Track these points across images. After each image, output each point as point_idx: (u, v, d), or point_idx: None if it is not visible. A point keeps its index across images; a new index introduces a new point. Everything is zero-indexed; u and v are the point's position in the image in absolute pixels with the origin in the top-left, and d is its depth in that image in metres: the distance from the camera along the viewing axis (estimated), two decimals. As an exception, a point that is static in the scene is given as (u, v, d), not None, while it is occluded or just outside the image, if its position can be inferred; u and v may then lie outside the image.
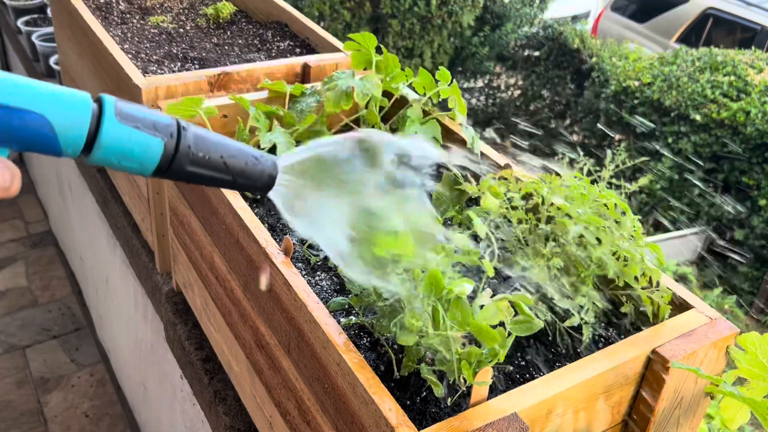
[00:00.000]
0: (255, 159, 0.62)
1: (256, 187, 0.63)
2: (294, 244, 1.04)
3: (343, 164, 0.63)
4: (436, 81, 1.16)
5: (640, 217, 0.94)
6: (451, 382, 0.79)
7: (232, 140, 0.62)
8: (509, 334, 0.72)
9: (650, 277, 0.90)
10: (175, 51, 1.59)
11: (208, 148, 0.59)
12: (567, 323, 0.88)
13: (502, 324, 0.73)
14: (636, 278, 0.89)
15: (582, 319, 0.89)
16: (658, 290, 0.89)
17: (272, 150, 1.12)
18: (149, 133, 0.56)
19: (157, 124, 0.57)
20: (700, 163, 5.34)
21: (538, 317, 0.76)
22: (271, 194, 0.64)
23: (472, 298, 0.76)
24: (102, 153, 0.55)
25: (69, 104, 0.53)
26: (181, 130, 0.58)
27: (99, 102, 0.55)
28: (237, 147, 0.61)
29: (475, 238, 1.00)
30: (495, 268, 1.03)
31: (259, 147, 1.08)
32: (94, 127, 0.54)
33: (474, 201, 1.13)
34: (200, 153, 0.59)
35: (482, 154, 1.17)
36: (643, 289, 0.90)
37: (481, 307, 0.74)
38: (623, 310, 0.93)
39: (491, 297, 0.76)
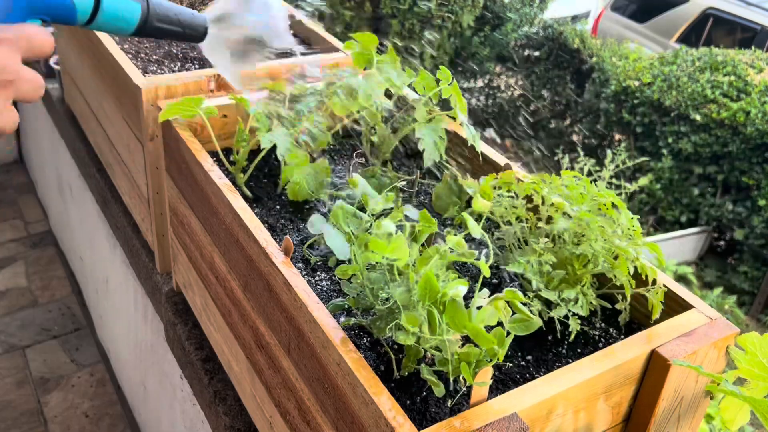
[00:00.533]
0: (193, 14, 0.87)
1: (197, 36, 0.88)
2: (294, 244, 1.04)
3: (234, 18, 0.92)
4: (437, 81, 1.16)
5: (639, 217, 0.94)
6: (451, 381, 0.79)
7: (176, 4, 0.86)
8: (508, 333, 0.72)
9: (646, 276, 0.90)
10: (175, 51, 1.59)
11: (166, 8, 0.84)
12: (554, 312, 0.88)
13: (499, 323, 0.73)
14: (632, 276, 0.89)
15: (569, 311, 0.89)
16: (653, 288, 0.89)
17: (271, 151, 1.12)
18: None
19: None
20: (700, 162, 5.34)
21: (533, 314, 0.76)
22: (203, 43, 0.90)
23: (469, 298, 0.76)
24: (103, 15, 0.77)
25: None
26: None
27: None
28: (179, 6, 0.85)
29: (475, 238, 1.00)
30: (493, 269, 1.03)
31: (258, 147, 1.08)
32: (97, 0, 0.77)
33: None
34: (162, 12, 0.83)
35: (482, 154, 1.17)
36: (638, 287, 0.90)
37: (478, 308, 0.73)
38: (618, 307, 0.93)
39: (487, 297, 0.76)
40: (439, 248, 0.76)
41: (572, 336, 0.90)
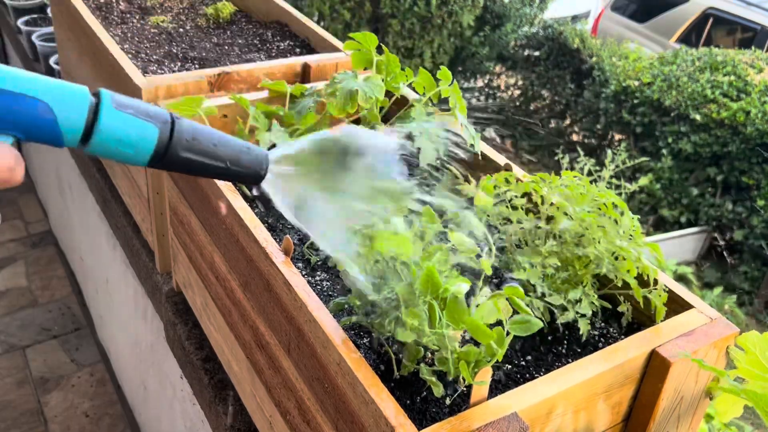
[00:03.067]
0: (247, 148, 0.64)
1: (249, 176, 0.65)
2: (294, 244, 1.04)
3: (328, 157, 0.67)
4: (437, 81, 1.16)
5: (639, 217, 0.94)
6: (450, 380, 0.79)
7: (221, 132, 0.64)
8: (508, 333, 0.72)
9: (647, 276, 0.90)
10: (175, 51, 1.59)
11: (201, 135, 0.61)
12: (562, 318, 0.88)
13: (500, 323, 0.73)
14: (634, 277, 0.89)
15: (577, 313, 0.89)
16: (656, 289, 0.89)
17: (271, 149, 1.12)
18: (144, 119, 0.59)
19: (151, 111, 0.60)
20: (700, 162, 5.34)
21: (536, 316, 0.76)
22: (263, 185, 0.66)
23: (470, 296, 0.76)
24: (101, 138, 0.58)
25: (70, 93, 0.57)
26: (175, 119, 0.61)
27: (96, 93, 0.59)
28: (228, 136, 0.63)
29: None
30: (493, 269, 1.03)
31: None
32: (92, 114, 0.57)
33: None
34: (193, 139, 0.61)
35: (482, 154, 1.17)
36: (640, 288, 0.90)
37: (478, 305, 0.74)
38: (620, 309, 0.93)
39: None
40: (442, 245, 0.76)
41: (584, 337, 0.89)
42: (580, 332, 0.88)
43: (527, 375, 0.86)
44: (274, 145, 0.75)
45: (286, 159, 0.66)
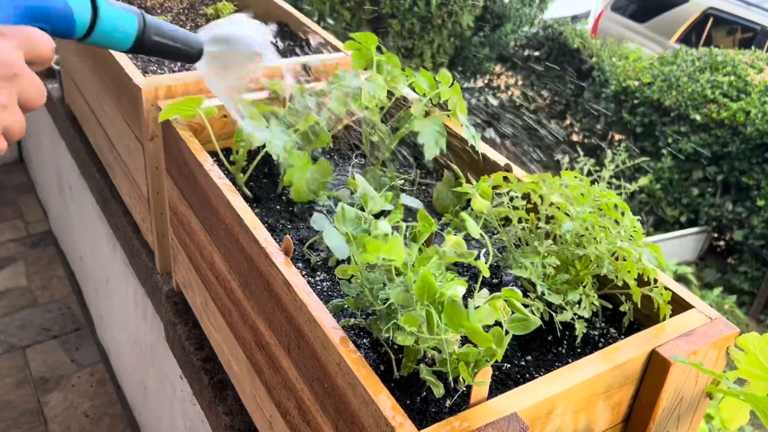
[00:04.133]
0: (187, 32, 0.85)
1: (194, 54, 0.86)
2: (294, 244, 1.04)
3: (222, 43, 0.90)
4: (437, 81, 1.16)
5: (639, 218, 0.94)
6: (450, 380, 0.79)
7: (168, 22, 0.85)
8: (506, 333, 0.72)
9: (648, 277, 0.90)
10: (175, 51, 1.59)
11: (160, 24, 0.81)
12: (559, 317, 0.88)
13: (498, 323, 0.73)
14: (635, 278, 0.89)
15: (575, 314, 0.89)
16: (656, 288, 0.89)
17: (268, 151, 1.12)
18: (127, 11, 0.78)
19: (129, 7, 0.79)
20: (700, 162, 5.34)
21: (534, 314, 0.76)
22: (198, 63, 0.88)
23: (468, 298, 0.76)
24: (101, 27, 0.76)
25: None
26: (143, 12, 0.80)
27: None
28: (174, 25, 0.84)
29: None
30: (492, 268, 1.03)
31: (259, 147, 1.08)
32: (93, 9, 0.75)
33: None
34: (158, 26, 0.81)
35: (482, 154, 1.17)
36: (640, 287, 0.90)
37: (476, 308, 0.74)
38: (622, 309, 0.93)
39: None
40: (438, 249, 0.76)
41: (578, 339, 0.90)
42: (576, 333, 0.88)
43: (527, 375, 0.86)
44: None
45: (211, 42, 0.88)
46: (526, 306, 0.87)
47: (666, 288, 0.91)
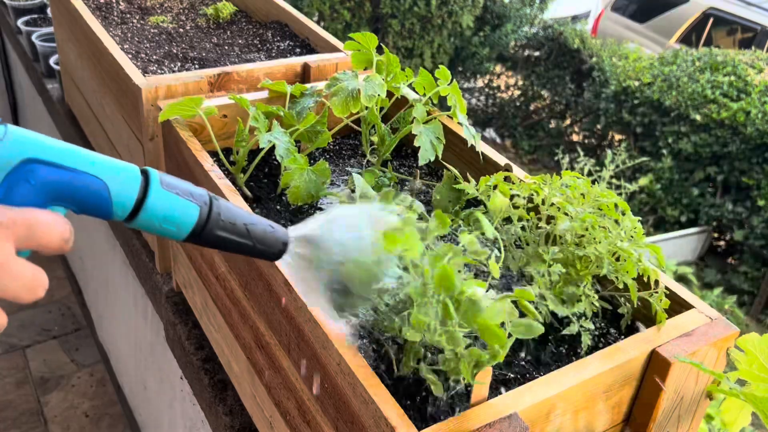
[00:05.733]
0: (271, 227, 0.69)
1: (272, 254, 0.70)
2: (294, 244, 1.04)
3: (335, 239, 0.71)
4: (436, 80, 1.16)
5: (640, 218, 0.94)
6: (451, 381, 0.79)
7: (248, 211, 0.71)
8: (509, 335, 0.72)
9: (648, 277, 0.90)
10: (175, 51, 1.59)
11: (234, 215, 0.67)
12: (566, 331, 0.89)
13: (502, 324, 0.73)
14: (634, 279, 0.89)
15: (581, 326, 0.89)
16: (657, 293, 0.89)
17: (271, 150, 1.12)
18: (187, 199, 0.64)
19: (193, 192, 0.65)
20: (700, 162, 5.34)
21: (538, 320, 0.76)
22: (281, 262, 0.71)
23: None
24: (147, 215, 0.62)
25: (123, 172, 0.61)
26: (213, 200, 0.66)
27: (144, 172, 0.63)
28: (256, 216, 0.69)
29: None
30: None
31: (258, 147, 1.08)
32: (142, 192, 0.62)
33: (474, 202, 1.13)
34: (228, 220, 0.66)
35: (483, 154, 1.17)
36: (641, 291, 0.90)
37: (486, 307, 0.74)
38: (621, 311, 0.93)
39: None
40: (453, 246, 0.76)
41: (584, 351, 0.89)
42: (582, 344, 0.88)
43: (527, 375, 0.86)
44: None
45: (303, 239, 0.71)
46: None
47: (666, 292, 0.90)
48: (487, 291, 0.78)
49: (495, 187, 1.02)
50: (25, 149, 0.57)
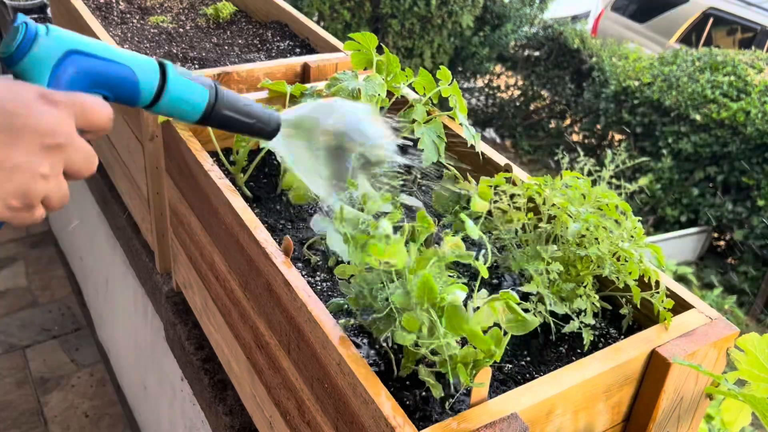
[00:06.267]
0: (266, 108, 0.79)
1: (268, 131, 0.79)
2: (294, 244, 1.04)
3: (321, 122, 0.82)
4: (437, 80, 1.16)
5: (640, 218, 0.94)
6: (450, 381, 0.79)
7: (246, 95, 0.80)
8: (505, 334, 0.72)
9: (649, 278, 0.90)
10: (175, 51, 1.59)
11: (236, 97, 0.76)
12: (567, 329, 0.89)
13: (497, 324, 0.73)
14: (635, 279, 0.89)
15: (582, 323, 0.89)
16: (658, 293, 0.89)
17: (271, 150, 1.12)
18: (198, 83, 0.73)
19: (200, 78, 0.74)
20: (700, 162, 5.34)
21: (535, 316, 0.76)
22: (274, 141, 0.80)
23: (467, 299, 0.76)
24: (168, 98, 0.71)
25: (145, 62, 0.70)
26: (217, 84, 0.75)
27: (161, 64, 0.71)
28: (251, 100, 0.78)
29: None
30: (493, 269, 1.03)
31: (258, 147, 1.08)
32: (162, 78, 0.70)
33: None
34: (232, 100, 0.75)
35: (483, 154, 1.17)
36: (642, 291, 0.90)
37: (476, 309, 0.73)
38: (622, 311, 0.93)
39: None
40: (438, 250, 0.76)
41: (586, 347, 0.89)
42: (584, 342, 0.88)
43: (527, 375, 0.86)
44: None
45: (292, 123, 0.81)
46: (527, 311, 0.87)
47: (667, 294, 0.90)
48: (479, 291, 0.78)
49: (496, 187, 1.02)
50: (66, 43, 0.64)
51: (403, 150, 1.35)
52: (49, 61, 0.63)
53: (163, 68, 0.71)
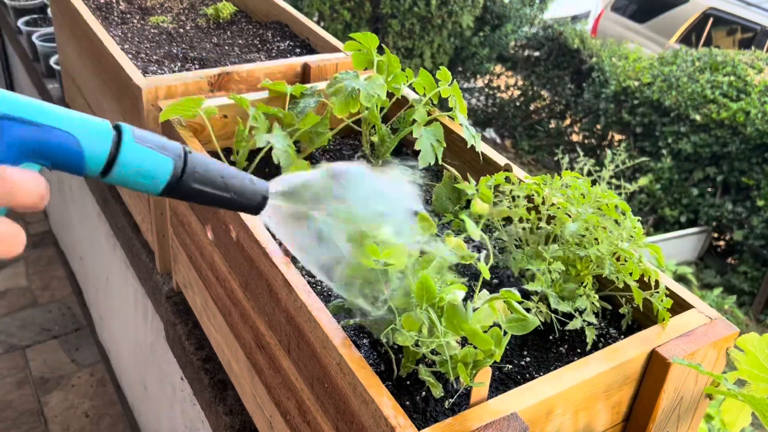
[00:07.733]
0: (250, 180, 0.69)
1: (251, 206, 0.69)
2: (294, 244, 1.04)
3: (326, 194, 0.71)
4: (437, 81, 1.16)
5: (639, 218, 0.94)
6: (450, 381, 0.80)
7: (226, 164, 0.69)
8: (505, 333, 0.72)
9: (649, 278, 0.90)
10: (175, 51, 1.59)
11: (210, 168, 0.66)
12: (570, 326, 0.89)
13: (497, 324, 0.73)
14: (635, 279, 0.90)
15: (584, 321, 0.89)
16: (657, 293, 0.89)
17: (268, 151, 1.12)
18: (161, 152, 0.63)
19: (167, 145, 0.64)
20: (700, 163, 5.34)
21: (537, 316, 0.76)
22: (262, 216, 0.71)
23: (468, 299, 0.76)
24: (121, 170, 0.62)
25: (94, 127, 0.60)
26: (187, 153, 0.65)
27: (117, 127, 0.62)
28: (234, 170, 0.68)
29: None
30: (493, 269, 1.03)
31: (259, 147, 1.08)
32: (115, 147, 0.61)
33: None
34: (204, 172, 0.66)
35: (483, 154, 1.17)
36: (641, 290, 0.90)
37: (475, 309, 0.74)
38: (622, 311, 0.93)
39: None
40: (438, 253, 0.76)
41: (589, 345, 0.89)
42: (587, 340, 0.89)
43: (527, 375, 0.86)
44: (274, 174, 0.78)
45: (285, 194, 0.71)
46: (528, 310, 0.87)
47: (667, 294, 0.90)
48: (479, 291, 0.78)
49: (496, 187, 1.03)
50: None
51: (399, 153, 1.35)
52: None
53: (119, 134, 0.61)
